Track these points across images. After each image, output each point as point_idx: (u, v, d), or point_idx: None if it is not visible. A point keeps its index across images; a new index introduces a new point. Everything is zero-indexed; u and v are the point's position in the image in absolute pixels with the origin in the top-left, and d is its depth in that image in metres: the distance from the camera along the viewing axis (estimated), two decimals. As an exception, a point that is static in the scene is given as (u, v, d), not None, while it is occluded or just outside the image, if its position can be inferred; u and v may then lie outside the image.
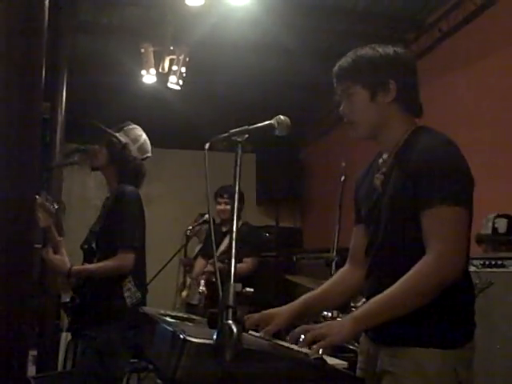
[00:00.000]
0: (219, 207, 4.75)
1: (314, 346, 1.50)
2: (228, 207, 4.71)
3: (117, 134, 2.95)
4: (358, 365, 1.84)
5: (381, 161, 1.82)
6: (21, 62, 2.38)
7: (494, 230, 3.39)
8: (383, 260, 1.73)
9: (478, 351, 1.68)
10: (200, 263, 4.98)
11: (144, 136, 3.03)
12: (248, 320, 1.71)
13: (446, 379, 1.59)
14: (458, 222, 1.58)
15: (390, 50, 1.76)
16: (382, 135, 1.79)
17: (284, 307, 1.83)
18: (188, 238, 5.76)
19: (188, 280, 6.15)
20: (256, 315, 1.76)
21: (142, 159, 3.01)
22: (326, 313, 2.91)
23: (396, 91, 1.73)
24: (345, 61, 1.78)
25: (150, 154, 3.05)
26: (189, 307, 5.92)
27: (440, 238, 1.56)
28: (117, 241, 2.76)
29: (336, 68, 1.80)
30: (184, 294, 6.10)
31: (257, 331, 1.75)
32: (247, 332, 1.71)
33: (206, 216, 5.22)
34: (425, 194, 1.60)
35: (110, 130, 2.96)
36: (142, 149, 3.00)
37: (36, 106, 2.49)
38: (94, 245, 2.86)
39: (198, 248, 6.36)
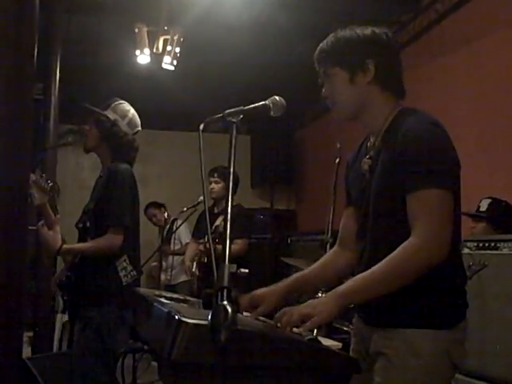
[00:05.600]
0: (210, 186, 4.75)
1: (301, 329, 1.51)
2: (218, 186, 4.71)
3: (105, 112, 2.93)
4: (352, 346, 1.86)
5: (369, 144, 1.83)
6: (13, 42, 2.36)
7: (477, 208, 3.57)
8: (374, 244, 1.74)
9: (471, 333, 1.69)
10: (192, 246, 4.98)
11: (132, 110, 3.02)
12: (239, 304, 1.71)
13: (439, 359, 1.61)
14: (443, 204, 1.59)
15: (368, 30, 1.77)
16: (364, 116, 1.80)
17: (274, 287, 1.83)
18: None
19: (164, 264, 6.21)
20: (246, 297, 1.77)
21: (133, 134, 3.00)
22: (320, 295, 2.91)
23: (375, 71, 1.74)
24: (325, 43, 1.80)
25: (140, 128, 3.04)
26: (167, 288, 5.99)
27: (424, 220, 1.57)
28: (108, 220, 2.76)
29: (316, 52, 1.82)
30: (163, 277, 6.17)
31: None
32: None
33: (201, 198, 5.22)
34: (410, 177, 1.61)
35: (97, 110, 2.94)
36: (131, 124, 2.98)
37: (28, 87, 2.47)
38: (88, 224, 2.86)
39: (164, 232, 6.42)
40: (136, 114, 3.03)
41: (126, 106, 3.02)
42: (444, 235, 1.57)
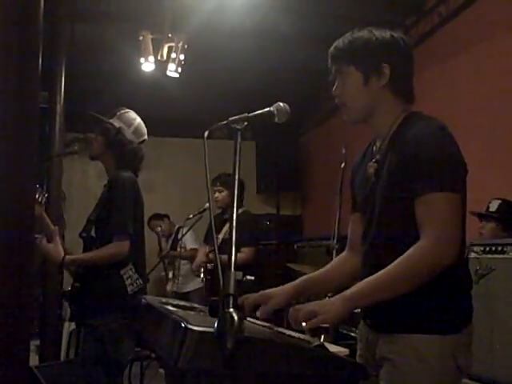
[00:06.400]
0: (214, 196, 4.73)
1: (304, 324, 1.50)
2: (222, 194, 4.68)
3: (110, 120, 2.94)
4: (358, 352, 1.85)
5: (374, 148, 1.82)
6: (17, 50, 2.37)
7: (487, 209, 3.62)
8: (378, 248, 1.73)
9: (479, 337, 1.68)
10: (202, 251, 4.98)
11: (138, 119, 3.02)
12: (246, 301, 1.70)
13: (445, 364, 1.60)
14: (451, 208, 1.58)
15: (386, 34, 1.76)
16: (373, 119, 1.79)
17: (282, 287, 1.83)
18: (159, 238, 5.87)
19: (170, 273, 6.24)
20: (254, 295, 1.76)
21: (139, 143, 3.00)
22: (327, 299, 2.91)
23: (389, 75, 1.73)
24: (341, 41, 1.78)
25: (146, 137, 3.04)
26: (177, 296, 6.00)
27: (434, 224, 1.57)
28: (111, 228, 2.76)
29: (332, 48, 1.80)
30: (168, 287, 6.20)
31: (255, 316, 1.75)
32: (246, 315, 1.71)
33: (206, 205, 5.22)
34: (418, 181, 1.60)
35: (103, 118, 2.95)
36: (137, 132, 2.98)
37: (33, 96, 2.48)
38: (93, 233, 2.86)
39: (170, 240, 6.49)
40: (142, 122, 3.03)
41: (132, 114, 3.03)
42: (453, 238, 1.57)
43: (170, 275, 6.44)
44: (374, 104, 1.76)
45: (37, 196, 2.81)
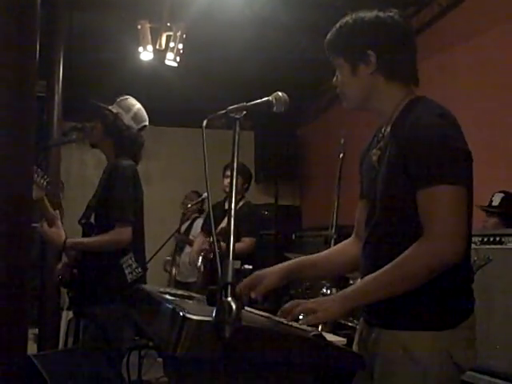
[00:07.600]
0: (225, 182, 4.76)
1: (301, 321, 1.50)
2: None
3: (109, 107, 2.93)
4: (354, 345, 1.82)
5: (380, 134, 1.77)
6: (14, 38, 2.36)
7: (490, 203, 3.58)
8: (378, 237, 1.69)
9: (476, 329, 1.66)
10: (200, 239, 4.99)
11: (138, 105, 3.01)
12: (240, 285, 1.68)
13: (438, 362, 1.55)
14: (457, 201, 1.52)
15: (372, 15, 1.73)
16: (373, 106, 1.76)
17: (275, 266, 1.82)
18: (183, 218, 5.78)
19: (178, 258, 6.19)
20: (246, 279, 1.75)
21: (140, 129, 2.99)
22: (325, 290, 2.92)
23: (376, 62, 1.68)
24: (331, 33, 1.77)
25: (147, 123, 3.03)
26: (178, 285, 5.97)
27: (438, 220, 1.51)
28: (112, 215, 2.76)
29: (326, 40, 1.79)
30: (174, 271, 6.16)
31: (251, 304, 1.75)
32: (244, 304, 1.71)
33: (205, 194, 5.23)
34: (421, 172, 1.54)
35: (102, 104, 2.94)
36: (136, 117, 2.98)
37: (31, 84, 2.47)
38: (92, 219, 2.86)
39: (184, 226, 6.42)
40: (142, 108, 3.02)
41: (132, 100, 3.03)
42: (459, 236, 1.50)
43: (178, 260, 6.38)
44: (369, 91, 1.72)
45: (38, 179, 2.78)
